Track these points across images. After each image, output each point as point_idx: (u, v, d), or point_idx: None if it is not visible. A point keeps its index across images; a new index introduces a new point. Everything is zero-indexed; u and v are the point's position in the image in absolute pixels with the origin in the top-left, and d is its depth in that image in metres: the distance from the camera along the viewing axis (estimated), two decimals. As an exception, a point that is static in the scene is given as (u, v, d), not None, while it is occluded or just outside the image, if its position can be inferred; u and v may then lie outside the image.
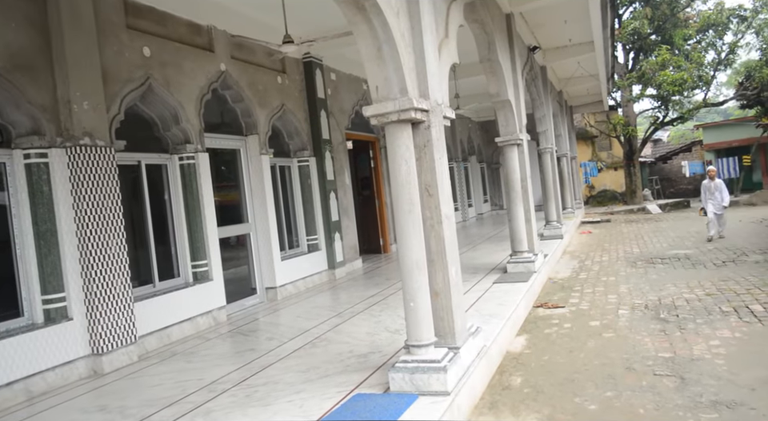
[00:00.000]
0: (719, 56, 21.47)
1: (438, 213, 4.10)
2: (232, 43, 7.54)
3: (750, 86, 20.42)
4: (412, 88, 3.91)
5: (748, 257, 9.29)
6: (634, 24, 20.64)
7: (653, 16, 20.93)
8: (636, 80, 20.44)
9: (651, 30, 21.27)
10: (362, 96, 10.87)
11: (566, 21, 10.12)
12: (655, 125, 22.60)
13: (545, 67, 12.56)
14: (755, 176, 25.47)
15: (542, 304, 7.18)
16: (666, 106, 21.05)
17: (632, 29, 20.72)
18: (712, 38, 21.35)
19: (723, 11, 20.55)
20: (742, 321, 5.73)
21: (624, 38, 21.38)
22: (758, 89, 19.99)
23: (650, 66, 19.64)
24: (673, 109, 21.24)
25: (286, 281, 8.25)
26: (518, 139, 7.93)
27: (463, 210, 18.50)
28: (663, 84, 19.08)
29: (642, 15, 20.80)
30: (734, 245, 10.61)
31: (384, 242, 12.17)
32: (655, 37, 21.68)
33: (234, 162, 7.95)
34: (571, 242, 13.15)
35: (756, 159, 24.61)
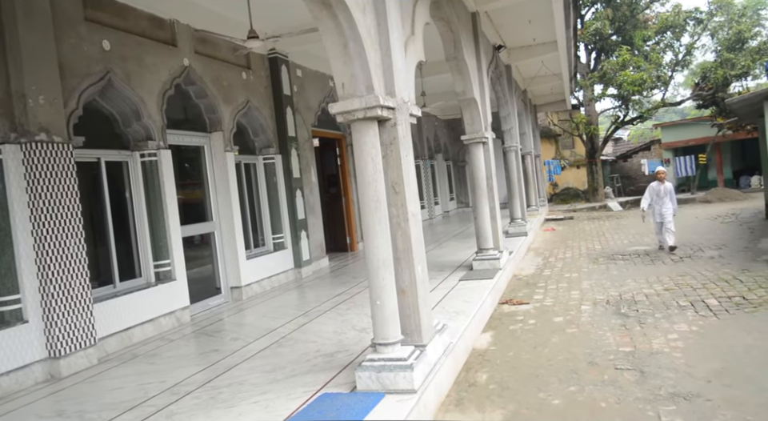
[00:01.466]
0: (677, 57, 22.07)
1: (405, 211, 4.10)
2: (196, 38, 7.40)
3: (706, 86, 21.06)
4: (378, 85, 3.90)
5: (704, 252, 9.57)
6: (596, 25, 21.07)
7: (614, 17, 21.40)
8: (598, 80, 20.86)
9: (612, 31, 21.74)
10: (328, 93, 10.80)
11: (531, 20, 10.25)
12: (616, 124, 23.11)
13: (510, 66, 12.70)
14: (710, 174, 26.30)
15: (508, 301, 7.27)
16: (626, 106, 21.55)
17: (594, 29, 21.14)
18: (670, 40, 21.94)
19: (680, 13, 21.13)
20: (698, 315, 5.90)
21: (586, 39, 21.79)
22: (713, 89, 20.63)
23: (611, 66, 20.07)
24: (633, 108, 21.77)
25: (251, 280, 8.15)
26: (484, 137, 8.00)
27: (429, 207, 18.60)
28: (624, 84, 19.52)
29: (604, 16, 21.24)
30: (691, 241, 10.92)
31: (351, 240, 12.14)
32: (616, 37, 22.16)
33: (197, 160, 7.80)
34: (536, 239, 13.34)
35: (711, 158, 25.39)
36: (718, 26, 21.46)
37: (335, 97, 3.76)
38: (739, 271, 7.81)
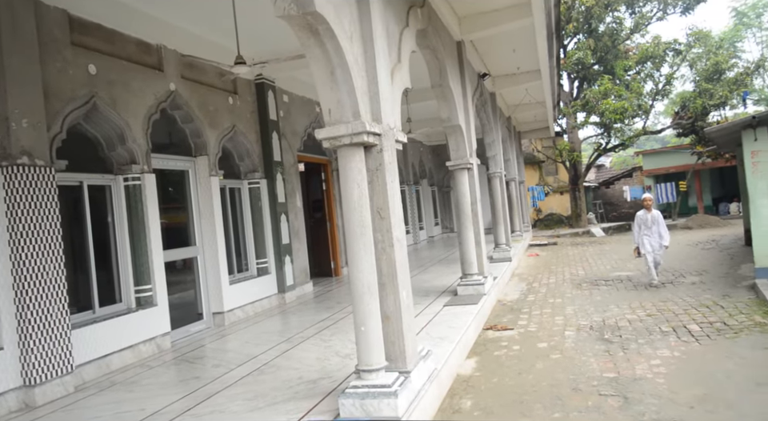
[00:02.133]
0: (657, 86, 22.53)
1: (390, 236, 4.11)
2: (183, 63, 7.43)
3: (685, 115, 21.50)
4: (365, 112, 3.94)
5: (685, 278, 9.67)
6: (579, 54, 21.49)
7: (595, 47, 21.86)
8: (580, 108, 21.20)
9: (594, 61, 22.19)
10: (314, 118, 10.86)
11: (515, 50, 10.45)
12: (598, 151, 23.43)
13: (494, 94, 12.89)
14: (691, 201, 26.70)
15: (492, 326, 7.25)
16: (608, 133, 21.88)
17: (576, 59, 21.56)
18: (650, 70, 22.41)
19: (660, 44, 21.64)
20: (680, 341, 5.94)
21: (569, 68, 22.21)
22: (692, 118, 21.06)
23: (594, 95, 20.43)
24: (615, 136, 22.09)
25: (234, 306, 8.07)
26: (469, 163, 8.07)
27: (414, 232, 18.62)
28: (606, 112, 19.85)
29: (586, 46, 21.69)
30: (672, 267, 11.02)
31: (335, 265, 12.08)
32: (598, 67, 22.62)
33: (182, 184, 7.77)
34: (520, 265, 13.39)
35: (691, 185, 25.80)
36: (696, 57, 22.00)
37: (321, 122, 3.78)
38: (720, 297, 7.89)
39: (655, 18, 22.52)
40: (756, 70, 22.55)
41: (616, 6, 21.71)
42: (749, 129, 8.31)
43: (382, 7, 4.47)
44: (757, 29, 35.27)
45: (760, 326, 6.23)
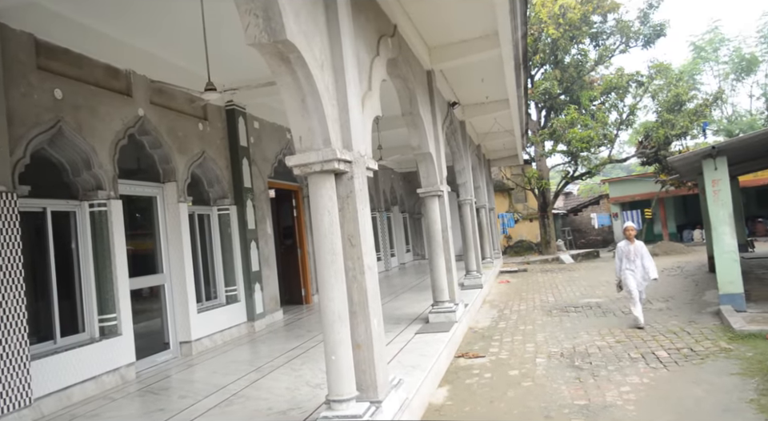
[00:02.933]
0: (621, 116, 23.18)
1: (361, 263, 4.09)
2: (152, 88, 7.38)
3: (649, 144, 22.10)
4: (335, 139, 3.95)
5: (652, 304, 9.81)
6: (545, 84, 22.03)
7: (562, 78, 22.46)
8: (548, 136, 21.65)
9: (561, 91, 22.77)
10: (285, 145, 10.85)
11: (483, 79, 10.65)
12: (566, 179, 23.88)
13: (464, 122, 13.08)
14: (656, 228, 27.30)
15: (463, 354, 7.23)
16: (575, 162, 22.35)
17: (543, 89, 22.09)
18: (614, 100, 23.07)
19: (623, 76, 22.34)
20: (649, 367, 6.00)
21: (536, 97, 22.73)
22: (655, 147, 21.66)
23: (560, 124, 20.91)
24: (581, 164, 22.58)
25: (201, 334, 7.89)
26: (439, 190, 8.13)
27: (386, 259, 18.58)
28: (572, 141, 20.31)
29: (552, 77, 22.27)
30: (640, 293, 11.18)
31: (306, 292, 11.95)
32: (564, 97, 23.20)
33: (149, 210, 7.64)
34: (491, 292, 13.44)
35: (656, 212, 26.42)
36: (657, 89, 22.74)
37: (292, 149, 3.77)
38: (686, 323, 8.02)
39: (618, 50, 23.31)
40: (714, 101, 23.41)
41: (581, 39, 22.41)
42: (709, 158, 8.58)
43: (352, 36, 4.52)
44: (714, 62, 36.72)
45: (725, 352, 6.34)
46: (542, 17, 20.65)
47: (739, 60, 35.27)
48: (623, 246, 8.45)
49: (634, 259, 8.28)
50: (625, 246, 8.43)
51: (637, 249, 8.31)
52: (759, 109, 35.97)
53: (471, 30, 8.04)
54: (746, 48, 35.65)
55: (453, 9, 7.22)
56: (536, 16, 20.75)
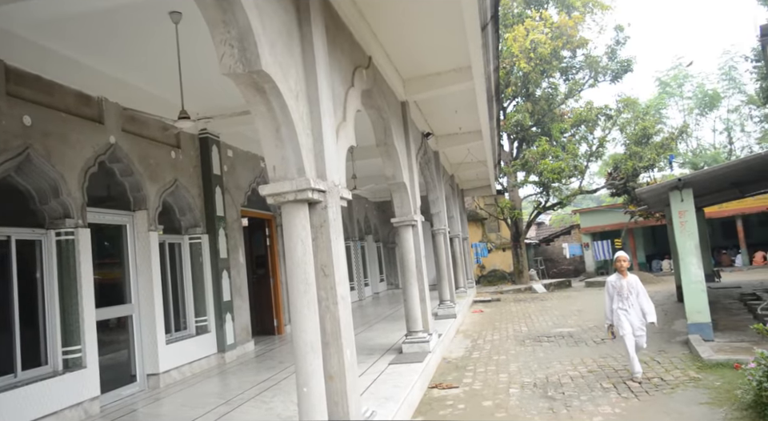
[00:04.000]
0: (591, 148, 23.71)
1: (334, 294, 4.06)
2: (124, 116, 7.32)
3: (618, 176, 22.59)
4: (310, 169, 3.96)
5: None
6: (517, 116, 22.48)
7: (533, 110, 22.96)
8: (520, 167, 22.00)
9: (532, 123, 23.24)
10: (259, 173, 10.82)
11: (457, 111, 10.83)
12: (538, 209, 24.20)
13: (438, 152, 13.23)
14: (626, 258, 27.70)
15: (437, 385, 7.17)
16: (547, 192, 22.71)
17: (515, 121, 22.53)
18: (584, 133, 23.63)
19: (592, 109, 22.93)
20: (620, 397, 6.02)
21: (509, 129, 23.15)
22: (624, 179, 22.15)
23: (532, 155, 21.28)
24: (553, 195, 22.95)
25: (170, 366, 7.69)
26: (413, 220, 8.16)
27: (359, 289, 18.47)
28: (544, 172, 20.67)
29: (524, 109, 22.74)
30: (612, 323, 11.29)
31: (278, 322, 11.78)
32: (536, 129, 23.69)
33: (119, 238, 7.50)
34: (464, 321, 13.42)
35: (626, 242, 26.86)
36: (625, 122, 23.38)
37: (266, 178, 3.77)
38: (656, 353, 8.10)
39: (587, 84, 24.00)
40: (680, 135, 24.15)
41: (551, 73, 23.01)
42: (675, 190, 8.80)
43: (327, 68, 4.57)
44: (679, 97, 38.00)
45: (694, 381, 6.41)
46: (513, 51, 21.17)
47: (702, 96, 36.58)
48: (614, 280, 7.01)
49: (628, 296, 6.88)
50: (616, 281, 7.00)
51: (631, 284, 6.90)
52: (722, 143, 37.23)
53: (445, 62, 8.21)
54: (709, 84, 37.04)
55: (427, 42, 7.37)
56: (508, 50, 21.26)
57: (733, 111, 36.96)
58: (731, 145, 36.26)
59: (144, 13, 5.39)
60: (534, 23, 21.92)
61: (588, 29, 23.93)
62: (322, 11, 4.63)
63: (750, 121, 35.73)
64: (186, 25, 5.43)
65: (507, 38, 21.39)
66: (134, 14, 5.41)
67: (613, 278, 7.05)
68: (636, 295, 6.88)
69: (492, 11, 6.44)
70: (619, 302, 6.91)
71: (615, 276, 7.05)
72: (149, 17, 5.45)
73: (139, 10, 5.34)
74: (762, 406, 4.97)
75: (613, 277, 7.09)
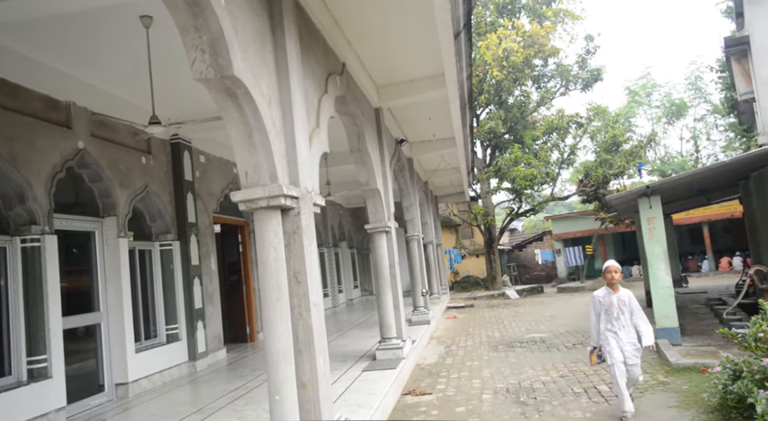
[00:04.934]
0: (562, 156, 24.07)
1: (307, 301, 4.04)
2: (93, 121, 7.19)
3: (589, 183, 22.96)
4: (282, 175, 3.94)
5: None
6: (490, 124, 22.71)
7: (506, 118, 23.23)
8: (493, 174, 22.22)
9: (505, 130, 23.51)
10: (231, 179, 10.72)
11: (431, 118, 10.90)
12: (511, 215, 24.45)
13: (411, 159, 13.28)
14: (597, 264, 28.13)
15: (411, 391, 7.17)
16: (519, 199, 22.96)
17: (488, 128, 22.75)
18: (556, 140, 23.99)
19: (564, 117, 23.30)
20: (591, 401, 6.10)
21: (482, 136, 23.37)
22: (595, 186, 22.52)
23: (505, 162, 21.51)
24: (525, 201, 23.22)
25: (140, 375, 7.54)
26: (387, 227, 8.17)
27: (333, 295, 18.40)
28: (516, 179, 20.90)
29: (497, 116, 23.00)
30: (581, 328, 11.44)
31: (251, 330, 11.66)
32: (508, 136, 23.96)
33: (87, 245, 7.35)
34: (438, 328, 13.45)
35: (597, 248, 27.29)
36: (596, 130, 23.80)
37: (239, 184, 3.74)
38: (626, 357, 8.22)
39: (559, 93, 24.38)
40: (648, 143, 24.67)
41: (523, 81, 23.32)
42: (644, 197, 8.97)
43: (301, 74, 4.57)
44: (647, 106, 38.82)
45: (663, 385, 6.52)
46: (486, 59, 21.41)
47: (670, 105, 37.42)
48: (601, 296, 5.70)
49: (619, 316, 5.55)
50: (604, 297, 5.67)
51: (623, 301, 5.58)
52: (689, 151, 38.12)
53: (418, 69, 8.26)
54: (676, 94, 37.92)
55: (401, 49, 7.41)
56: (481, 58, 21.49)
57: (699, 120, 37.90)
58: (697, 153, 37.14)
59: (114, 16, 5.32)
60: (506, 32, 22.22)
61: (559, 38, 24.37)
62: (296, 18, 4.63)
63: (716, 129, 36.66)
64: (158, 29, 5.37)
65: (480, 47, 21.63)
66: (103, 17, 5.34)
67: (600, 293, 5.72)
68: (629, 314, 5.56)
69: (465, 19, 6.51)
70: (608, 322, 5.61)
71: (603, 290, 5.71)
72: (119, 20, 5.38)
73: (109, 14, 5.27)
74: (728, 409, 5.08)
75: (600, 291, 5.76)
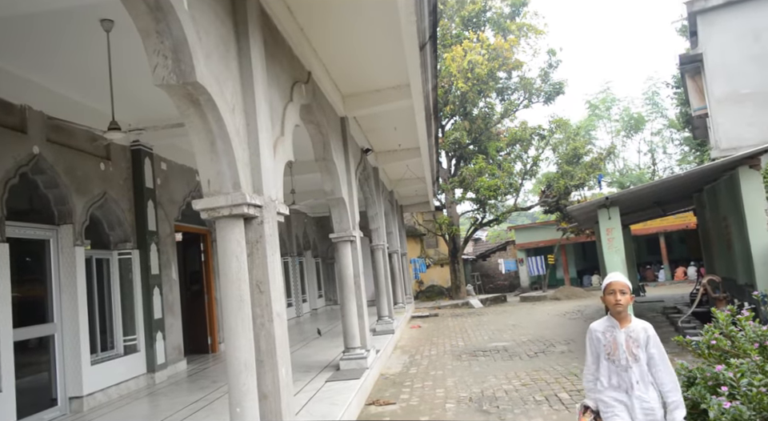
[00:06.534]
0: (525, 167, 24.50)
1: (270, 311, 3.99)
2: (50, 125, 6.99)
3: (551, 194, 23.40)
4: (246, 183, 3.89)
5: (555, 348, 10.19)
6: (455, 134, 22.98)
7: (471, 129, 23.54)
8: (458, 184, 22.45)
9: (470, 141, 23.81)
10: (194, 187, 10.55)
11: (396, 128, 10.95)
12: (475, 225, 24.71)
13: (377, 168, 13.31)
14: (558, 273, 28.63)
15: (375, 401, 7.14)
16: (483, 209, 23.25)
17: (453, 139, 23.01)
18: (519, 151, 24.41)
19: (527, 129, 23.74)
20: (552, 409, 6.17)
21: (447, 146, 23.61)
22: (556, 197, 22.96)
23: (469, 173, 21.76)
24: (489, 211, 23.52)
25: (95, 388, 7.31)
26: (352, 236, 8.15)
27: (297, 305, 18.23)
28: (480, 189, 21.16)
29: (462, 127, 23.28)
30: (543, 337, 11.61)
31: (213, 340, 11.45)
32: (473, 147, 24.26)
33: (41, 254, 7.11)
34: (402, 337, 13.45)
35: (558, 258, 27.76)
36: (557, 142, 24.31)
37: (201, 191, 3.70)
38: (586, 365, 8.36)
39: (522, 105, 24.84)
40: (608, 155, 25.31)
41: (488, 93, 23.68)
42: (603, 208, 9.18)
43: (265, 81, 4.53)
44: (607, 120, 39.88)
45: (621, 392, 6.64)
46: (452, 70, 21.67)
47: (628, 118, 38.54)
48: (601, 330, 3.48)
49: (629, 364, 3.28)
50: (606, 331, 3.45)
51: (636, 340, 3.33)
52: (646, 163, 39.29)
53: (384, 80, 8.30)
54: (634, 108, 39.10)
55: (367, 59, 7.44)
56: (446, 69, 21.75)
57: (656, 134, 39.16)
58: (654, 166, 38.32)
59: (74, 19, 5.20)
60: (471, 44, 22.56)
61: (523, 52, 24.92)
62: (261, 25, 4.60)
63: (671, 143, 37.94)
64: (119, 33, 5.26)
65: (446, 58, 21.90)
66: (62, 20, 5.21)
67: (600, 326, 3.49)
68: (647, 361, 3.28)
69: (430, 31, 6.58)
70: (613, 375, 3.33)
71: (605, 322, 3.48)
72: (79, 23, 5.25)
73: (69, 16, 5.14)
74: (683, 415, 5.20)
75: (600, 323, 3.51)
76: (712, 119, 12.98)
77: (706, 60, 12.82)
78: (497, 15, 24.81)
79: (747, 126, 12.18)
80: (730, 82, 12.50)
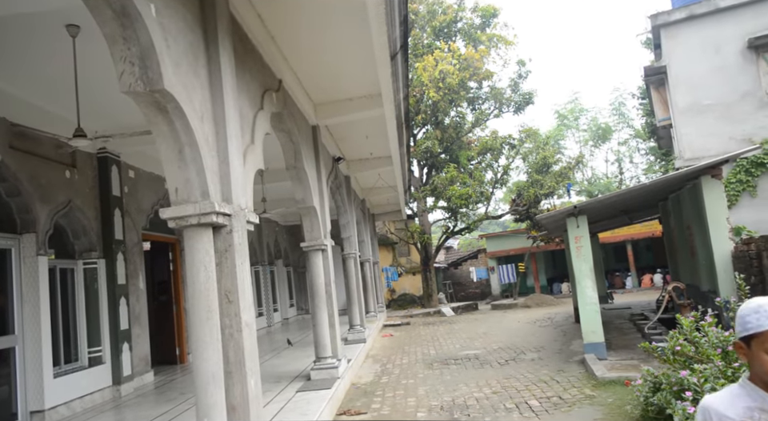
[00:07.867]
0: (496, 176, 24.75)
1: (238, 321, 3.94)
2: (12, 132, 6.82)
3: (521, 202, 23.67)
4: (214, 192, 3.85)
5: (525, 355, 10.27)
6: (427, 143, 23.12)
7: (442, 138, 23.72)
8: (429, 193, 22.57)
9: (441, 150, 23.98)
10: (163, 195, 10.39)
11: (368, 136, 10.97)
12: (447, 233, 24.84)
13: (349, 177, 13.30)
14: (529, 281, 28.94)
15: (346, 411, 7.09)
16: (455, 217, 23.40)
17: (425, 147, 23.15)
18: (490, 160, 24.67)
19: (497, 138, 24.02)
20: (522, 416, 6.22)
21: (418, 155, 23.74)
22: (527, 205, 23.23)
23: (441, 181, 21.90)
24: (461, 220, 23.68)
25: (58, 402, 7.11)
26: (323, 245, 8.12)
27: (268, 314, 18.05)
28: (452, 198, 21.31)
29: (433, 136, 23.44)
30: (514, 344, 11.70)
31: (181, 351, 11.25)
32: (445, 156, 24.45)
33: (2, 264, 6.91)
34: (374, 346, 13.41)
35: (529, 266, 28.06)
36: (527, 152, 24.64)
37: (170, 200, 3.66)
38: (555, 372, 8.45)
39: (492, 115, 25.14)
40: (576, 165, 25.73)
41: (459, 103, 23.92)
42: (572, 217, 9.32)
43: (235, 89, 4.50)
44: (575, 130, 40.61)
45: (590, 399, 6.73)
46: (423, 80, 21.84)
47: (596, 128, 39.30)
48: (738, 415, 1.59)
49: None
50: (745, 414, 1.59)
51: None
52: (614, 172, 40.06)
53: (356, 88, 8.31)
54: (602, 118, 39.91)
55: (338, 68, 7.44)
56: (418, 79, 21.91)
57: (622, 144, 39.98)
58: (621, 175, 39.09)
59: (39, 24, 5.09)
60: (442, 54, 22.77)
61: (493, 62, 25.17)
62: (231, 33, 4.57)
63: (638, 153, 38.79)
64: (85, 39, 5.17)
65: (417, 68, 22.05)
66: (27, 25, 5.10)
67: (731, 408, 1.64)
68: None
69: (401, 41, 6.62)
70: None
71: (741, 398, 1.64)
72: (44, 29, 5.15)
73: (33, 22, 5.03)
74: (649, 420, 5.30)
75: (728, 399, 1.67)
76: (676, 130, 13.31)
77: (670, 72, 13.15)
78: (468, 26, 25.11)
79: (710, 136, 12.51)
80: (693, 94, 12.83)
